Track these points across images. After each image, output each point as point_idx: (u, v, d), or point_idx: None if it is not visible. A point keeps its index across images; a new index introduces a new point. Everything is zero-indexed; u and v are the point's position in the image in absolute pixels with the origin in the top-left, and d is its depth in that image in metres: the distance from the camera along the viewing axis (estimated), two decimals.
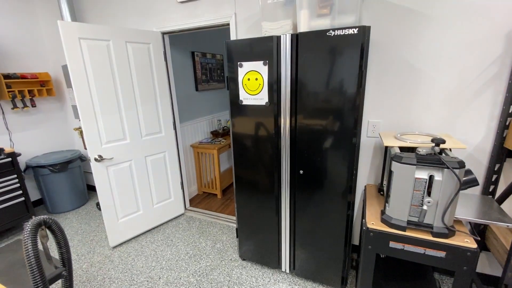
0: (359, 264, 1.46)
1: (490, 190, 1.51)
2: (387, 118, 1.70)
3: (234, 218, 2.66)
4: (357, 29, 1.23)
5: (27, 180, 2.89)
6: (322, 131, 1.45)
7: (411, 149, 1.37)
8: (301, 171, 1.56)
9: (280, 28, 1.52)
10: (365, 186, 1.78)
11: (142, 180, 2.33)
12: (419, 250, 1.23)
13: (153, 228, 2.51)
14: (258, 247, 1.89)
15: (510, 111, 1.37)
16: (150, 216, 2.45)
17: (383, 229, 1.28)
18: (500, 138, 1.43)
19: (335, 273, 1.67)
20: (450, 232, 1.18)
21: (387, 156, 1.56)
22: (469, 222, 1.51)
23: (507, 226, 1.17)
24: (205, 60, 3.23)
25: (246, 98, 1.60)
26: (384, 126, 1.73)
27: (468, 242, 1.15)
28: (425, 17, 1.47)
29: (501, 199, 1.44)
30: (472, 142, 1.52)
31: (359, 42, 1.24)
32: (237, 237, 1.96)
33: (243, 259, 2.04)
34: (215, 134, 3.40)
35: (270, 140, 1.60)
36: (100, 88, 1.97)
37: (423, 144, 1.32)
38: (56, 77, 3.05)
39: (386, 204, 1.32)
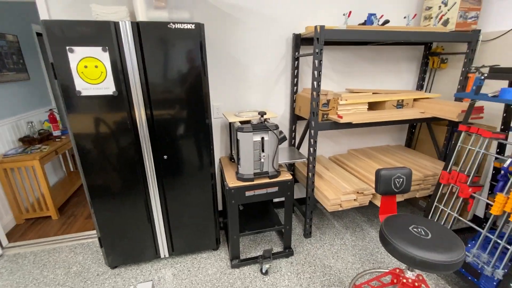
0: (227, 221, 1.81)
1: (292, 142, 2.32)
2: (225, 101, 2.10)
3: (87, 233, 2.27)
4: (194, 25, 1.44)
5: None
6: (179, 118, 1.59)
7: (247, 122, 1.83)
8: (165, 156, 1.65)
9: (115, 14, 1.45)
10: (220, 159, 2.14)
11: None
12: (263, 191, 1.72)
13: None
14: (129, 248, 1.79)
15: (294, 91, 2.15)
16: None
17: (240, 184, 1.67)
18: (292, 108, 2.21)
19: (210, 237, 1.94)
20: (278, 173, 1.75)
21: (232, 130, 1.97)
22: (286, 164, 2.26)
23: (303, 160, 1.91)
24: None
25: (85, 88, 1.42)
26: (224, 108, 2.12)
27: (288, 176, 1.77)
28: (241, 22, 1.93)
29: (298, 147, 2.26)
30: (279, 113, 2.23)
31: (198, 37, 1.47)
32: (101, 247, 1.75)
33: (114, 267, 1.86)
34: (28, 141, 2.58)
35: (125, 131, 1.54)
36: None
37: (254, 117, 1.81)
38: None
39: (238, 166, 1.72)
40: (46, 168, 2.87)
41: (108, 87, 1.43)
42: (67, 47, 1.33)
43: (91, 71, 1.39)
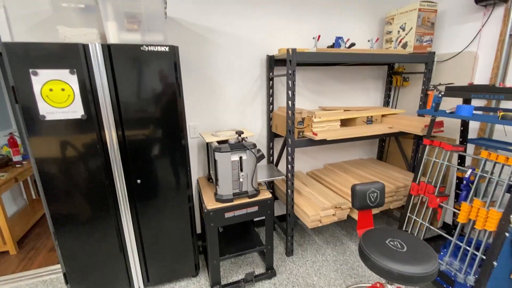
0: (206, 244, 1.74)
1: (271, 159, 2.33)
2: (202, 121, 2.09)
3: (50, 268, 2.06)
4: (168, 47, 1.44)
5: None
6: (154, 138, 1.54)
7: (225, 141, 1.82)
8: (139, 181, 1.57)
9: (84, 36, 1.41)
10: (197, 179, 2.09)
11: None
12: (243, 211, 1.70)
13: None
14: (99, 282, 1.65)
15: (270, 109, 2.19)
16: None
17: (219, 206, 1.63)
18: (269, 126, 2.24)
19: (188, 264, 1.85)
20: (257, 192, 1.74)
21: (209, 150, 1.94)
22: (265, 182, 2.25)
23: (282, 178, 1.92)
24: None
25: (50, 112, 1.34)
26: (201, 128, 2.10)
27: (267, 195, 1.76)
28: (216, 44, 1.96)
29: (277, 164, 2.27)
30: (256, 131, 2.25)
31: (172, 59, 1.46)
32: (67, 283, 1.59)
33: None
34: None
35: (95, 155, 1.46)
36: None
37: (231, 137, 1.80)
38: None
39: (217, 187, 1.68)
40: (4, 197, 2.61)
41: (76, 111, 1.37)
42: (31, 70, 1.26)
43: (57, 95, 1.32)
